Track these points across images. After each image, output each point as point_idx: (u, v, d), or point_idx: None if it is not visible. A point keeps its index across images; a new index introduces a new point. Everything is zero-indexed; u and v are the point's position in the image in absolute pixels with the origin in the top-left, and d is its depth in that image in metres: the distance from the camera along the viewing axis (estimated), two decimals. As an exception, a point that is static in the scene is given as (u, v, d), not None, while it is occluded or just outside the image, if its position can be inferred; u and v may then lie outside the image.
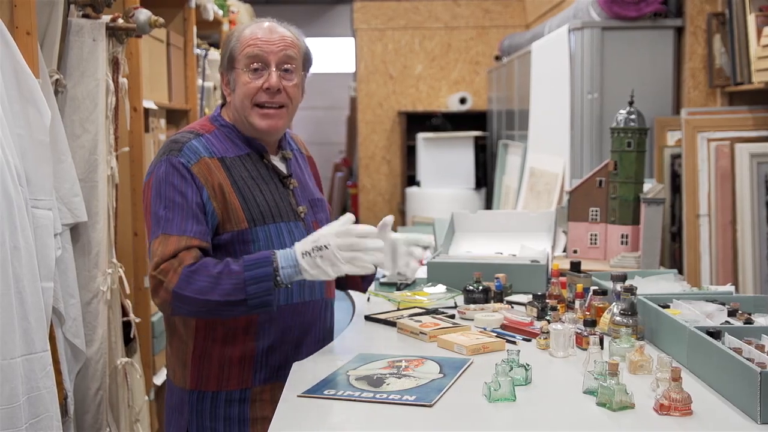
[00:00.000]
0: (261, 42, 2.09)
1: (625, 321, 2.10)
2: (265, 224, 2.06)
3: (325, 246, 1.92)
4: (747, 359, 1.67)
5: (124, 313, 2.88)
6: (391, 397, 1.71)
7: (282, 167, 2.20)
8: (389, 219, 2.16)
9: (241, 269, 1.92)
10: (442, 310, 2.50)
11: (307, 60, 2.19)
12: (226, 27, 4.94)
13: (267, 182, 2.13)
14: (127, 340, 2.93)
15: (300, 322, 2.12)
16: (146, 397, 3.09)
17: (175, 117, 4.08)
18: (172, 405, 2.16)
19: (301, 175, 2.25)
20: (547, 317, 2.28)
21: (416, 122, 8.42)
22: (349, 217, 1.98)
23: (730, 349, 1.74)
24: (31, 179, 2.23)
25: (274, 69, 2.08)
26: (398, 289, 2.85)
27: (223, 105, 2.22)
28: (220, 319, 2.02)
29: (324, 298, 2.18)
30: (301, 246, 1.95)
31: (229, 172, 2.07)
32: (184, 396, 2.11)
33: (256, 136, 2.15)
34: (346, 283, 2.30)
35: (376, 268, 1.99)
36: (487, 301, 2.57)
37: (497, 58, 7.57)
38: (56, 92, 2.54)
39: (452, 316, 2.42)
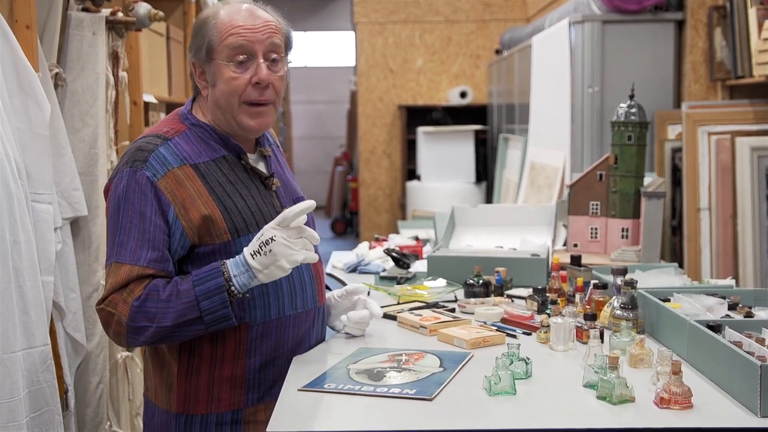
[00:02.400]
0: (244, 30, 1.87)
1: (625, 315, 2.10)
2: (249, 233, 1.86)
3: (271, 239, 1.77)
4: (747, 353, 1.67)
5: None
6: (391, 390, 1.71)
7: (261, 166, 2.01)
8: (363, 288, 2.13)
9: (190, 286, 1.78)
10: (442, 303, 2.50)
11: (288, 44, 1.98)
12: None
13: (247, 186, 1.93)
14: (128, 334, 2.93)
15: (293, 335, 1.96)
16: (147, 391, 3.09)
17: (175, 111, 4.08)
18: (153, 427, 1.96)
19: (282, 172, 2.07)
20: (548, 311, 2.28)
21: (417, 116, 8.42)
22: (285, 212, 1.83)
23: (731, 342, 1.74)
24: (32, 173, 2.23)
25: (261, 60, 1.88)
26: (398, 283, 2.85)
27: (194, 99, 2.00)
28: (205, 335, 1.86)
29: (317, 306, 2.02)
30: (248, 248, 1.81)
31: (204, 180, 1.87)
32: (169, 420, 1.91)
33: (238, 134, 1.96)
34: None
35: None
36: (487, 295, 2.57)
37: (498, 51, 7.57)
38: (56, 86, 2.54)
39: (452, 310, 2.42)
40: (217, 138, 1.94)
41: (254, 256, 1.79)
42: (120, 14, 2.80)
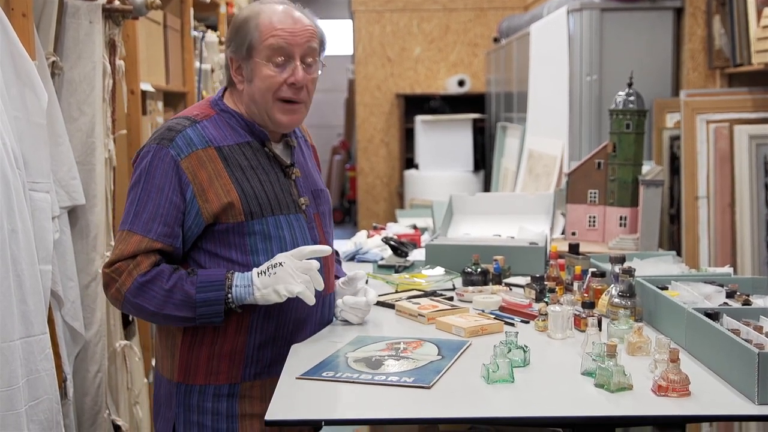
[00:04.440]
0: (285, 33, 1.97)
1: (623, 303, 2.10)
2: (263, 217, 1.97)
3: (280, 263, 1.89)
4: (745, 340, 1.67)
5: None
6: (389, 379, 1.72)
7: (284, 156, 2.09)
8: (361, 274, 2.18)
9: (193, 290, 1.89)
10: (440, 292, 2.51)
11: (322, 46, 2.09)
12: (223, 9, 4.91)
13: (267, 172, 2.02)
14: (126, 323, 2.93)
15: (295, 318, 2.02)
16: (145, 380, 3.10)
17: (172, 100, 4.07)
18: (160, 397, 2.09)
19: (304, 164, 2.14)
20: (546, 299, 2.29)
21: (414, 105, 8.40)
22: (302, 246, 1.95)
23: (729, 330, 1.74)
24: (29, 162, 2.22)
25: (299, 63, 1.99)
26: (396, 272, 2.85)
27: (226, 88, 2.11)
28: None
29: (322, 295, 2.06)
30: (258, 268, 1.92)
31: (226, 162, 1.97)
32: (172, 388, 2.03)
33: (270, 128, 2.05)
34: None
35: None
36: (485, 283, 2.57)
37: (496, 40, 7.55)
38: (53, 75, 2.53)
39: (450, 299, 2.42)
40: (243, 124, 2.04)
41: (260, 274, 1.91)
42: (117, 2, 2.78)
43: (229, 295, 1.90)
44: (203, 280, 1.90)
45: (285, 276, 1.88)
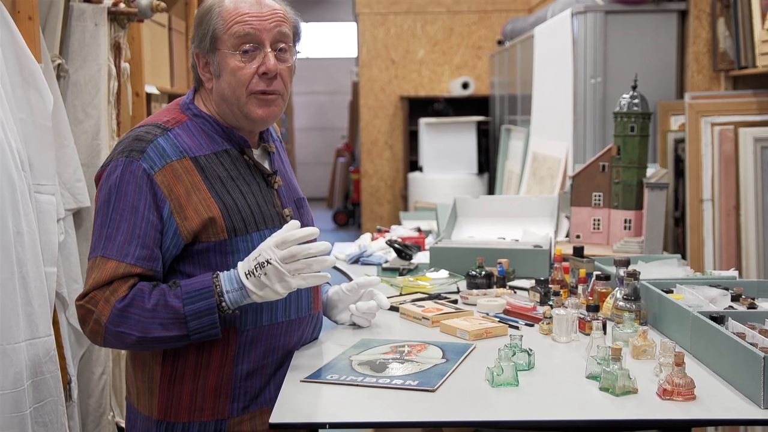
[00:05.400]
0: (251, 18, 1.79)
1: (628, 306, 2.10)
2: (247, 233, 1.80)
3: (267, 261, 1.71)
4: (750, 344, 1.67)
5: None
6: (393, 382, 1.72)
7: (264, 163, 1.94)
8: (375, 280, 2.12)
9: (179, 304, 1.71)
10: (444, 295, 2.51)
11: (297, 34, 1.90)
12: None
13: (249, 183, 1.86)
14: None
15: (284, 343, 1.89)
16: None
17: (177, 102, 4.08)
18: None
19: (284, 171, 1.99)
20: (550, 302, 2.28)
21: (418, 107, 8.40)
22: (292, 224, 1.76)
23: (734, 333, 1.74)
24: (34, 164, 2.23)
25: (269, 50, 1.81)
26: (401, 275, 2.85)
27: (195, 90, 1.93)
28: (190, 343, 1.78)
29: (311, 314, 1.95)
30: (243, 265, 1.74)
31: (204, 175, 1.79)
32: (150, 426, 1.83)
33: (243, 127, 1.89)
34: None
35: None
36: (489, 286, 2.57)
37: (500, 42, 7.55)
38: (58, 77, 2.54)
39: (455, 301, 2.42)
40: (219, 130, 1.87)
41: (249, 276, 1.73)
42: (122, 5, 2.79)
43: (223, 303, 1.73)
44: (188, 290, 1.72)
45: (277, 274, 1.71)
